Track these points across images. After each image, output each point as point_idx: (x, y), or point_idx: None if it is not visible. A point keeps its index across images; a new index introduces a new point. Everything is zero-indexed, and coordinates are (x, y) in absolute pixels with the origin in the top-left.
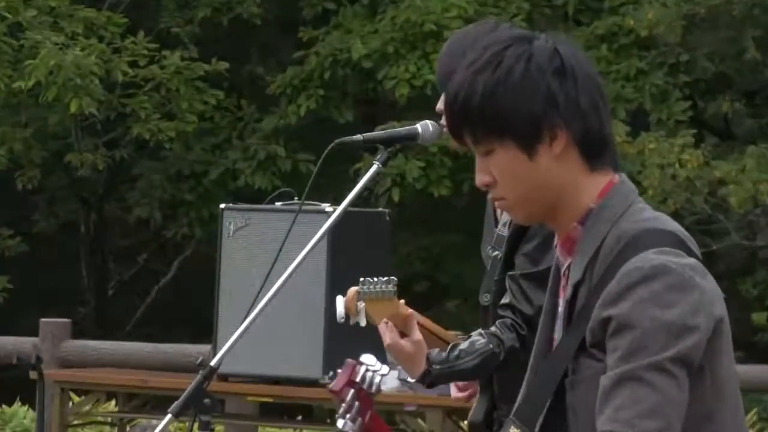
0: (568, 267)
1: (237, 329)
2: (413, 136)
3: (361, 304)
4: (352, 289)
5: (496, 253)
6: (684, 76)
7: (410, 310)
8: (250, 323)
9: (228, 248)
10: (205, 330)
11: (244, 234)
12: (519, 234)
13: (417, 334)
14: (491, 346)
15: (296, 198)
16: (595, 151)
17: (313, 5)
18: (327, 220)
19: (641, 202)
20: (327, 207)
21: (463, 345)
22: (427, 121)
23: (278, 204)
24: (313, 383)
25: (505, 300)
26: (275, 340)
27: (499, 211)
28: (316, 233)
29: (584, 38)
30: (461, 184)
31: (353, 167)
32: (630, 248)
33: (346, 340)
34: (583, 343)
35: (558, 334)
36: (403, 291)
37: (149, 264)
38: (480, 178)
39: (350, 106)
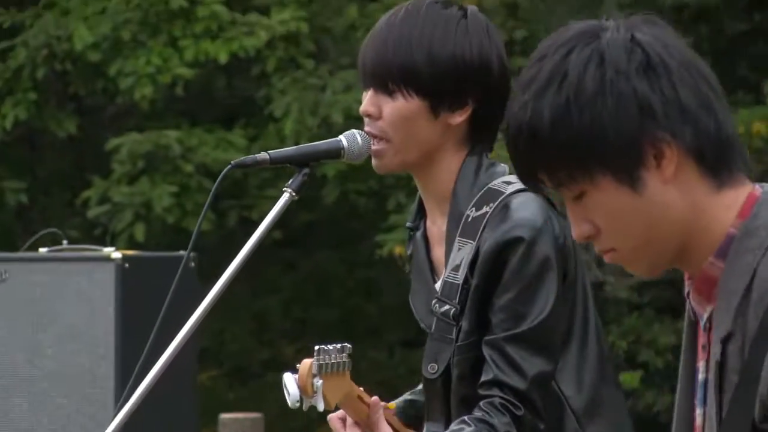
0: (710, 318)
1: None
2: (336, 152)
3: (319, 381)
4: (307, 362)
5: (447, 307)
6: None
7: (362, 391)
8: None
9: None
10: None
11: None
12: (488, 280)
13: (386, 429)
14: None
15: (65, 241)
16: (718, 160)
17: None
18: (113, 269)
19: None
20: (113, 252)
21: None
22: (354, 131)
23: (43, 251)
24: None
25: (487, 376)
26: None
27: (437, 247)
28: (102, 287)
29: None
30: (225, 215)
31: (80, 197)
32: None
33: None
34: (750, 419)
35: (701, 409)
36: None
37: None
38: (579, 231)
39: (72, 114)
